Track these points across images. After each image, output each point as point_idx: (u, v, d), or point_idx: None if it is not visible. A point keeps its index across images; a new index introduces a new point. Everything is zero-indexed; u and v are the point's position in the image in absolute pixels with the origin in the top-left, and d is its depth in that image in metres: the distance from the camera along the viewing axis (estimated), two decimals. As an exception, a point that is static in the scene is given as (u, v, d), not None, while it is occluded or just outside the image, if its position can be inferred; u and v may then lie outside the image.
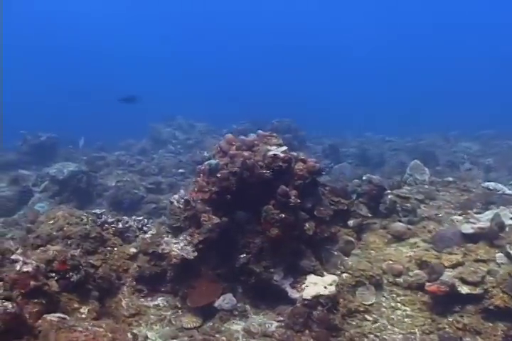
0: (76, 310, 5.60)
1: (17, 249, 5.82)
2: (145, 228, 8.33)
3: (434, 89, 51.89)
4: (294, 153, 6.38)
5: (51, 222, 7.23)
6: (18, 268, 5.04)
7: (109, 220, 7.85)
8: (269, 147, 6.30)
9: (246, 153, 6.02)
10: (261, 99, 44.91)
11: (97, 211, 8.15)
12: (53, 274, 5.53)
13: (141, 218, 8.61)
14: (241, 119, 21.64)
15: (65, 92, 51.93)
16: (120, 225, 7.85)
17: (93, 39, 67.28)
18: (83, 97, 50.11)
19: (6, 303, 4.59)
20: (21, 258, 5.15)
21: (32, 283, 4.98)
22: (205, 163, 6.36)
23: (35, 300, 5.00)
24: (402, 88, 55.53)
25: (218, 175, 6.03)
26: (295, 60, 67.02)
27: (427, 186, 9.44)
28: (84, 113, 40.70)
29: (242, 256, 6.33)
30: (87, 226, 7.10)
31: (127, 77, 58.46)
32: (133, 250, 7.30)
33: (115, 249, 7.30)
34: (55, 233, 6.99)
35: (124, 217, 8.21)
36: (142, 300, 6.89)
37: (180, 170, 16.28)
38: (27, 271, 5.02)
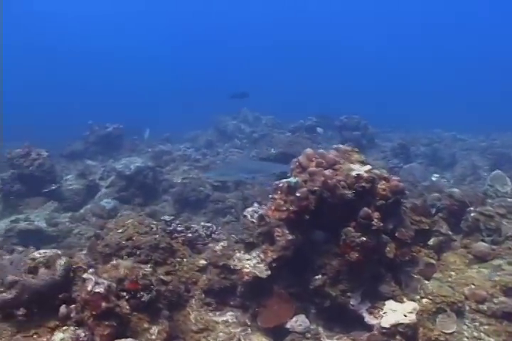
0: (146, 331, 5.42)
1: (88, 264, 5.69)
2: (214, 235, 8.14)
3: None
4: (377, 171, 6.02)
5: (120, 230, 7.08)
6: (89, 288, 4.87)
7: (179, 229, 7.68)
8: (351, 165, 5.97)
9: (327, 172, 5.70)
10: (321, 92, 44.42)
11: (166, 218, 8.02)
12: (124, 293, 5.37)
13: (209, 224, 8.40)
14: (307, 113, 21.21)
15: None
16: (189, 234, 7.67)
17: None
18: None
19: (78, 331, 4.47)
20: (93, 278, 4.99)
21: (104, 304, 4.82)
22: (284, 180, 6.08)
23: (106, 323, 4.83)
24: (475, 83, 54.03)
25: (297, 194, 5.73)
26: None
27: (509, 199, 8.92)
28: (151, 104, 40.87)
29: (317, 277, 6.04)
30: (157, 236, 6.92)
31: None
32: (202, 262, 7.10)
33: (184, 260, 7.11)
34: (124, 242, 6.84)
35: (194, 225, 8.02)
36: (211, 314, 6.68)
37: (247, 167, 16.04)
38: (98, 292, 4.86)
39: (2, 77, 46.50)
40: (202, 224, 8.41)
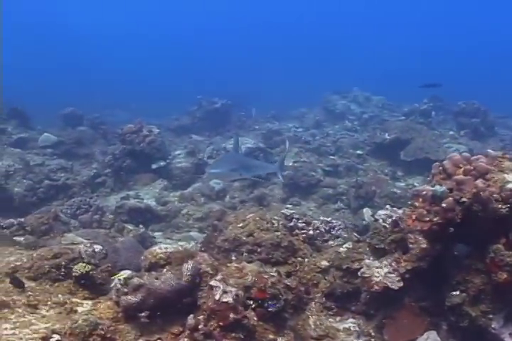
0: (271, 343, 5.12)
1: (212, 266, 5.40)
2: (333, 231, 7.75)
3: None
4: (532, 182, 5.38)
5: (240, 224, 6.83)
6: (217, 297, 4.59)
7: (299, 225, 7.31)
8: (505, 175, 5.36)
9: (480, 183, 5.11)
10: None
11: (286, 211, 7.63)
12: (251, 302, 5.06)
13: (329, 219, 8.00)
14: (421, 96, 20.31)
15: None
16: (311, 231, 7.28)
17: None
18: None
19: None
20: (221, 286, 4.70)
21: (232, 316, 4.54)
22: (429, 187, 5.53)
23: (233, 334, 4.55)
24: None
25: (444, 205, 5.19)
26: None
27: None
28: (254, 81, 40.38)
29: (455, 293, 5.51)
30: (279, 234, 6.61)
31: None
32: (325, 263, 6.70)
33: (306, 259, 6.75)
34: (244, 238, 6.59)
35: (315, 221, 7.63)
36: (331, 319, 6.31)
37: (358, 152, 15.51)
38: (227, 302, 4.57)
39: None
40: (321, 218, 8.01)
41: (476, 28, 65.96)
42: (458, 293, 5.52)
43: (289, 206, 11.13)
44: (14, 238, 8.20)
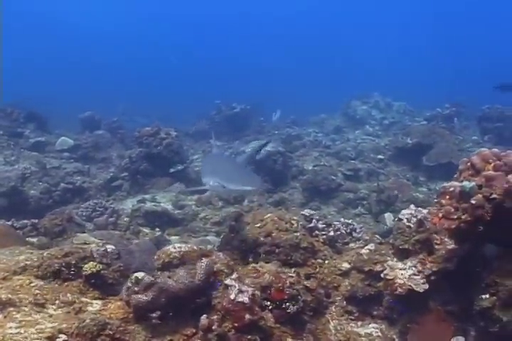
0: (289, 346, 4.86)
1: (228, 265, 5.17)
2: (354, 234, 7.46)
3: None
4: None
5: (258, 224, 6.60)
6: (232, 296, 4.35)
7: (320, 226, 7.04)
8: (540, 170, 5.07)
9: (511, 178, 4.84)
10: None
11: (306, 212, 7.37)
12: (268, 303, 4.81)
13: (349, 221, 7.72)
14: (442, 101, 20.01)
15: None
16: (331, 233, 7.01)
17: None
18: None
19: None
20: (236, 285, 4.46)
21: (247, 317, 4.30)
22: (457, 183, 5.24)
23: (249, 337, 4.30)
24: None
25: (473, 202, 4.91)
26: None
27: None
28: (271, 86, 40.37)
29: (484, 296, 5.21)
30: (298, 234, 6.36)
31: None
32: (346, 265, 6.44)
33: (326, 261, 6.49)
34: (262, 239, 6.36)
35: (336, 223, 7.34)
36: (352, 324, 6.03)
37: (380, 156, 15.25)
38: (242, 302, 4.32)
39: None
40: (342, 220, 7.74)
41: (500, 30, 65.35)
42: (487, 296, 5.23)
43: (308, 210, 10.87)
44: (27, 239, 8.04)
